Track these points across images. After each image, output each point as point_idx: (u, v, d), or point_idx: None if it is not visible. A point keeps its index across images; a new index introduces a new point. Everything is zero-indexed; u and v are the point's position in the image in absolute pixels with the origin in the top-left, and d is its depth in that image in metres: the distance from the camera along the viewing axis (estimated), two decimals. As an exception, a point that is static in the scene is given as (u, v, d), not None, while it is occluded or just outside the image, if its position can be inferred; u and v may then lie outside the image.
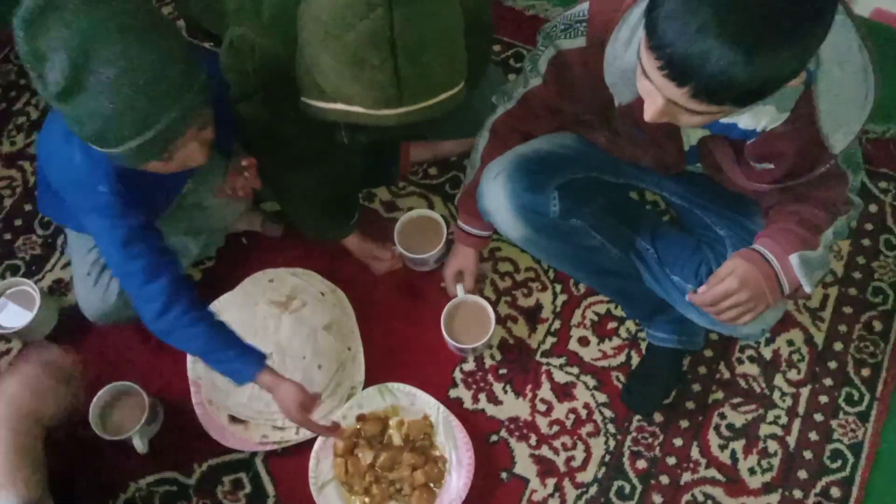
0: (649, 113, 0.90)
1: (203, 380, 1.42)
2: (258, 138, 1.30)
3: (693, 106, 0.84)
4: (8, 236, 1.61)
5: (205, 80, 1.06)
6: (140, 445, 1.33)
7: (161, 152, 1.06)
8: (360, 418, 1.40)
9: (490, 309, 1.43)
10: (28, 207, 1.64)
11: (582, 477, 1.40)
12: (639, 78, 0.90)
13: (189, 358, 1.44)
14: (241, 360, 1.20)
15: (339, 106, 1.01)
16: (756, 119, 0.97)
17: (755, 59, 0.76)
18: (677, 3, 0.78)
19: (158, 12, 1.06)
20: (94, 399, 1.34)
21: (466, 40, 1.05)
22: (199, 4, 1.36)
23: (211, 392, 1.41)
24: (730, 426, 1.43)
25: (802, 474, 1.39)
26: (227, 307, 1.48)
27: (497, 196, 1.22)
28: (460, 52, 1.03)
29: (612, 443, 1.42)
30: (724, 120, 1.00)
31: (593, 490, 1.39)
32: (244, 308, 1.47)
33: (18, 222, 1.63)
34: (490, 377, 1.48)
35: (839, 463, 1.40)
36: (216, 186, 1.37)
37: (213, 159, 1.41)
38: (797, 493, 1.38)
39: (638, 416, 1.44)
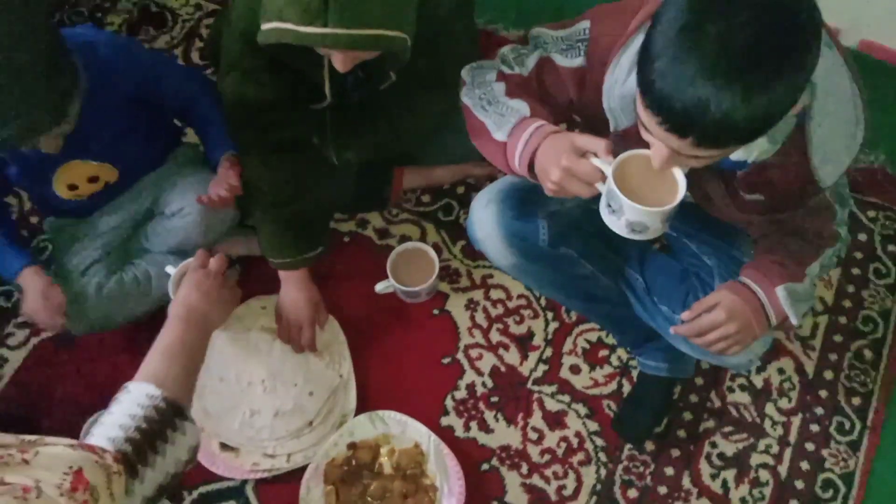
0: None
1: (194, 406, 1.41)
2: (241, 118, 1.32)
3: (698, 153, 0.86)
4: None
5: (57, 104, 1.07)
6: (129, 473, 1.32)
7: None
8: (351, 446, 1.40)
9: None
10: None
11: (573, 506, 1.39)
12: (642, 129, 0.91)
13: (180, 385, 1.44)
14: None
15: (274, 24, 1.05)
16: (747, 151, 0.98)
17: (751, 98, 0.77)
18: (666, 60, 0.79)
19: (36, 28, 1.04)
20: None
21: (439, 43, 1.12)
22: (211, 38, 1.39)
23: (202, 419, 1.40)
24: (721, 455, 1.43)
25: (794, 504, 1.39)
26: (219, 333, 1.48)
27: (487, 224, 1.23)
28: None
29: (603, 471, 1.42)
30: None
31: (585, 519, 1.39)
32: (237, 334, 1.48)
33: (13, 248, 1.63)
34: (482, 405, 1.48)
35: (831, 493, 1.40)
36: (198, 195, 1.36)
37: (198, 172, 1.43)
38: (789, 523, 1.38)
39: (629, 445, 1.44)
